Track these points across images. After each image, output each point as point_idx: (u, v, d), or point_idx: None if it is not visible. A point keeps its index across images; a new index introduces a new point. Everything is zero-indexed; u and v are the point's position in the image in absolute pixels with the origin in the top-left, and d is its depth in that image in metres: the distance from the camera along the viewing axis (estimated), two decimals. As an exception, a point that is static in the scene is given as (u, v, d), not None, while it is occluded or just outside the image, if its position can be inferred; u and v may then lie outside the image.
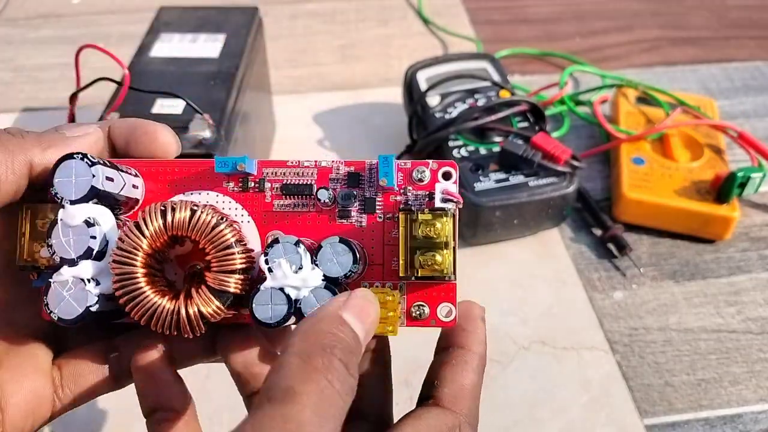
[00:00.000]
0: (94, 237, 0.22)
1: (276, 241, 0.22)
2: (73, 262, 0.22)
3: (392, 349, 0.45)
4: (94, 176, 0.22)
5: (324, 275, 0.22)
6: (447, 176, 0.24)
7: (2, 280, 0.24)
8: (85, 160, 0.22)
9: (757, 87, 0.69)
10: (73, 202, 0.22)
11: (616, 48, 0.75)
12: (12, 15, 0.80)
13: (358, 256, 0.22)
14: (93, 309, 0.22)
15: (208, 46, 0.50)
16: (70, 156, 0.22)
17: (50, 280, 0.22)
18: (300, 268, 0.22)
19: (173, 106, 0.44)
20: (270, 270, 0.22)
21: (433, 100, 0.55)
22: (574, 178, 0.50)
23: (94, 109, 0.48)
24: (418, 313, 0.24)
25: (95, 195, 0.22)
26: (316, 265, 0.22)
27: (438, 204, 0.23)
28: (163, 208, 0.22)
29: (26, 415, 0.23)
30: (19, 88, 0.68)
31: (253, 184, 0.24)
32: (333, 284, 0.22)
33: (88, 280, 0.22)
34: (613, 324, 0.47)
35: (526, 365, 0.44)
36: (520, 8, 0.83)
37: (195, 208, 0.22)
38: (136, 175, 0.24)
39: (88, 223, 0.22)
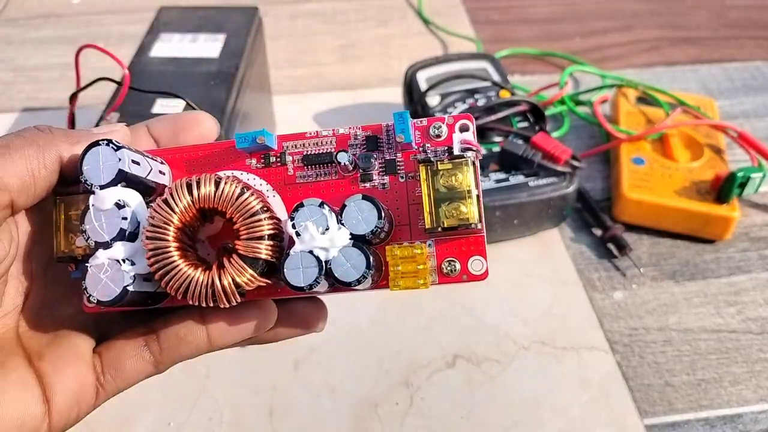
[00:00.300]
0: (125, 218, 0.22)
1: (301, 204, 0.22)
2: (107, 245, 0.22)
3: (392, 349, 0.45)
4: (120, 160, 0.22)
5: (351, 234, 0.22)
6: (464, 129, 0.24)
7: (42, 275, 0.25)
8: (111, 145, 0.23)
9: (757, 87, 0.69)
10: (102, 187, 0.23)
11: (616, 48, 0.75)
12: (12, 15, 0.80)
13: (382, 212, 0.22)
14: (130, 288, 0.22)
15: (208, 46, 0.50)
16: (96, 143, 0.23)
17: (86, 264, 0.23)
18: (327, 229, 0.22)
19: (173, 106, 0.44)
20: (297, 234, 0.22)
21: (433, 100, 0.55)
22: (574, 178, 0.50)
23: (94, 109, 0.48)
24: (449, 269, 0.23)
25: (123, 178, 0.23)
26: (342, 224, 0.22)
27: (457, 152, 0.23)
28: (188, 182, 0.22)
29: (72, 404, 0.23)
30: (19, 88, 0.68)
31: (274, 159, 0.25)
32: (361, 242, 0.22)
33: (123, 261, 0.23)
34: (613, 324, 0.47)
35: (526, 365, 0.44)
36: (520, 8, 0.83)
37: (219, 179, 0.22)
38: (162, 163, 0.25)
39: (119, 206, 0.22)
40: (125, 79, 0.43)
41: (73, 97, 0.44)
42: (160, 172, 0.24)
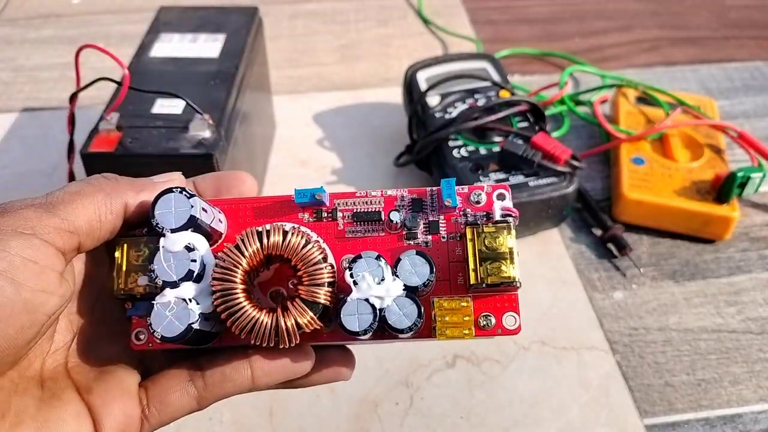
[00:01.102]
0: (194, 261, 0.24)
1: (359, 256, 0.24)
2: (175, 285, 0.24)
3: (392, 349, 0.45)
4: (192, 206, 0.24)
5: (405, 285, 0.24)
6: (501, 197, 0.26)
7: (89, 314, 0.26)
8: (184, 193, 0.24)
9: (757, 87, 0.69)
10: (173, 231, 0.24)
11: (616, 48, 0.75)
12: (12, 15, 0.80)
13: (434, 266, 0.24)
14: (195, 326, 0.24)
15: (208, 46, 0.50)
16: (169, 190, 0.24)
17: (153, 302, 0.24)
18: (382, 280, 0.24)
19: (173, 106, 0.44)
20: (355, 283, 0.24)
21: (433, 100, 0.55)
22: (574, 178, 0.50)
23: (94, 109, 0.48)
24: (485, 323, 0.25)
25: (193, 224, 0.24)
26: (397, 276, 0.24)
27: (498, 218, 0.26)
28: (259, 230, 0.24)
29: None
30: (19, 88, 0.68)
31: (326, 214, 0.27)
32: (413, 293, 0.24)
33: (190, 300, 0.24)
34: (613, 324, 0.47)
35: (526, 365, 0.44)
36: (520, 8, 0.83)
37: (286, 230, 0.24)
38: (219, 212, 0.27)
39: (188, 249, 0.24)
40: (125, 79, 0.43)
41: (73, 97, 0.44)
42: (219, 220, 0.26)
